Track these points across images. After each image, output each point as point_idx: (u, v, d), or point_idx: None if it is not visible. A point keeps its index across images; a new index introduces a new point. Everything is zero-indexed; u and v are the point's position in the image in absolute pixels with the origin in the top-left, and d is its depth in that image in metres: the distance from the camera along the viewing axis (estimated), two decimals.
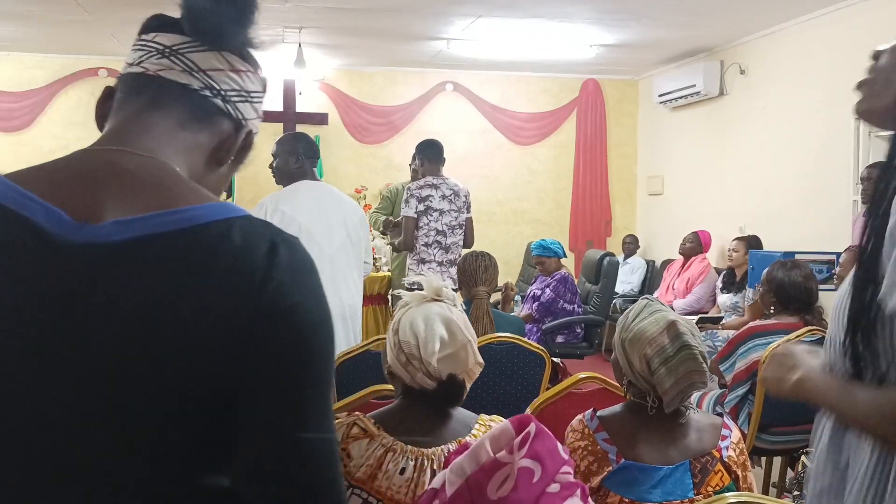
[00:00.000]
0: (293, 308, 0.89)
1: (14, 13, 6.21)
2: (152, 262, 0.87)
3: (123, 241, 0.87)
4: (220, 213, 0.90)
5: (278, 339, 0.88)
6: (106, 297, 0.86)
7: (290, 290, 0.89)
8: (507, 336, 3.19)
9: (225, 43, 1.00)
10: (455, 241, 5.01)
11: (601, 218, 8.84)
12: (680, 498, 1.72)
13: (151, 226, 0.88)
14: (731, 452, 1.80)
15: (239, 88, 1.02)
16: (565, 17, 6.13)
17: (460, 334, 1.65)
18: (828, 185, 5.74)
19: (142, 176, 0.93)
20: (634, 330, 1.81)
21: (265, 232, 0.91)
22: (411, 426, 1.65)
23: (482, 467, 1.26)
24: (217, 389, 0.87)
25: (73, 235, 0.87)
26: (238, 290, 0.87)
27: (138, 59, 1.01)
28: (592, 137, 8.77)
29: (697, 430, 1.81)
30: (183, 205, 0.90)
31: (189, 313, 0.86)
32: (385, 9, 5.97)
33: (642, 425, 1.81)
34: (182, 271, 0.87)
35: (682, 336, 1.79)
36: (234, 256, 0.87)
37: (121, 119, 1.00)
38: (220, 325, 0.86)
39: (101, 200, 0.90)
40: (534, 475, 1.24)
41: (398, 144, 8.32)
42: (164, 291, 0.86)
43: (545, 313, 5.86)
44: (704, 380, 1.81)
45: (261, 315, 0.87)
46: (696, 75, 7.24)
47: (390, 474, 1.57)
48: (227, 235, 0.88)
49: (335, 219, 3.63)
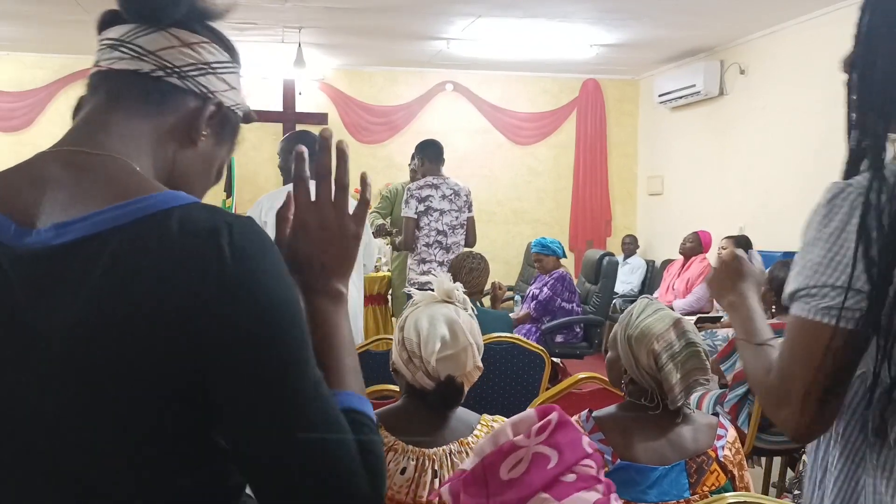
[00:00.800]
0: (246, 288, 0.85)
1: (14, 13, 6.21)
2: (92, 262, 0.84)
3: (63, 244, 0.85)
4: (163, 203, 0.87)
5: (236, 322, 0.84)
6: (53, 301, 0.85)
7: (240, 271, 0.84)
8: (507, 336, 3.19)
9: (165, 19, 0.97)
10: (456, 241, 5.01)
11: (601, 218, 8.84)
12: (676, 498, 1.72)
13: (90, 226, 0.86)
14: (727, 452, 1.80)
15: (195, 62, 0.99)
16: (565, 17, 6.13)
17: (462, 337, 1.65)
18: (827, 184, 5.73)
19: (90, 174, 0.92)
20: (641, 327, 1.80)
21: (209, 217, 0.87)
22: (413, 426, 1.65)
23: (499, 448, 1.28)
24: (184, 380, 0.85)
25: (16, 242, 0.86)
26: (186, 279, 0.83)
27: (96, 60, 1.00)
28: (592, 137, 8.77)
29: (693, 430, 1.81)
30: (129, 198, 0.88)
31: (139, 307, 0.83)
32: (385, 9, 5.97)
33: (638, 425, 1.81)
34: (129, 264, 0.84)
35: (687, 333, 1.81)
36: (175, 245, 0.84)
37: (79, 120, 0.99)
38: (171, 315, 0.83)
39: (46, 204, 0.89)
40: (549, 462, 1.25)
41: (398, 144, 8.32)
42: (108, 289, 0.84)
43: (543, 312, 5.86)
44: (708, 377, 1.82)
45: (213, 300, 0.83)
46: (696, 75, 7.24)
47: (391, 474, 1.58)
48: (167, 225, 0.85)
49: None
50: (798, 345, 1.12)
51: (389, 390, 2.30)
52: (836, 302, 1.07)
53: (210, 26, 1.02)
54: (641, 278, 8.01)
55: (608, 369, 1.93)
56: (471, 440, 1.64)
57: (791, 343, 1.13)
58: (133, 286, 0.83)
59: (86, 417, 0.85)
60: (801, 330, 1.11)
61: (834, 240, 1.09)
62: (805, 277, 1.10)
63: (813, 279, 1.09)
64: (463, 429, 1.67)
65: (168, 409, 0.86)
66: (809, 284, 1.10)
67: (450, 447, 1.63)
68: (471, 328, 1.69)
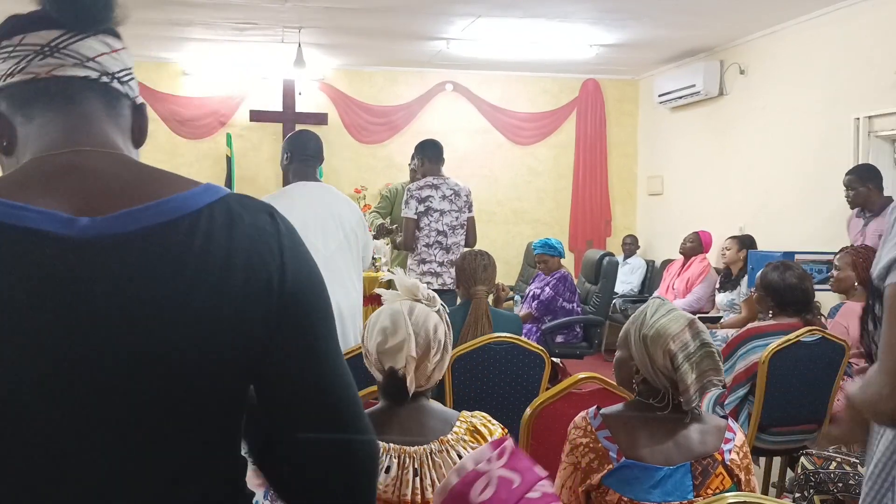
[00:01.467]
0: (304, 269, 0.96)
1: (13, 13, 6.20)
2: (163, 251, 0.87)
3: (128, 232, 0.87)
4: (213, 194, 0.93)
5: (301, 299, 0.95)
6: (120, 287, 0.86)
7: (296, 252, 0.96)
8: (507, 336, 3.18)
9: (99, 24, 0.97)
10: (456, 242, 5.00)
11: (601, 218, 8.84)
12: (679, 499, 1.72)
13: (151, 216, 0.88)
14: (734, 456, 1.80)
15: (124, 67, 1.01)
16: (565, 17, 6.13)
17: (402, 329, 1.68)
18: (828, 185, 5.73)
19: (114, 171, 0.93)
20: (657, 327, 1.80)
21: (259, 204, 0.96)
22: (392, 425, 1.68)
23: (464, 479, 1.35)
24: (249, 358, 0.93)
25: (76, 232, 0.86)
26: (263, 257, 0.92)
27: (15, 66, 0.96)
28: (592, 137, 8.77)
29: (701, 432, 1.81)
30: (169, 193, 0.90)
31: (218, 294, 0.89)
32: (385, 9, 5.97)
33: (645, 425, 1.81)
34: (217, 245, 0.89)
35: (701, 334, 1.82)
36: (249, 229, 0.92)
37: (45, 125, 0.96)
38: (252, 297, 0.91)
39: (94, 196, 0.89)
40: (513, 483, 1.33)
41: (398, 144, 8.32)
42: (181, 278, 0.87)
43: (544, 312, 5.86)
44: (721, 377, 1.83)
45: (285, 281, 0.93)
46: (696, 75, 7.24)
47: None
48: (233, 208, 0.92)
49: (331, 220, 3.56)
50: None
51: None
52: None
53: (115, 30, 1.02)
54: (641, 278, 8.02)
55: (616, 369, 1.92)
56: (450, 437, 1.67)
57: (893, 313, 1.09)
58: (230, 259, 0.89)
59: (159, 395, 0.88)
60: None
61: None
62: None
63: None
64: (442, 426, 1.70)
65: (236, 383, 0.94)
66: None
67: (430, 446, 1.65)
68: (424, 322, 1.72)
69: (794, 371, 3.33)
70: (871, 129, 5.41)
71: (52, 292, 0.85)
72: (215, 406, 0.92)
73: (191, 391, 0.89)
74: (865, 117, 5.39)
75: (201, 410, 0.91)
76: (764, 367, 3.27)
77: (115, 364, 0.86)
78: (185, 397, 0.89)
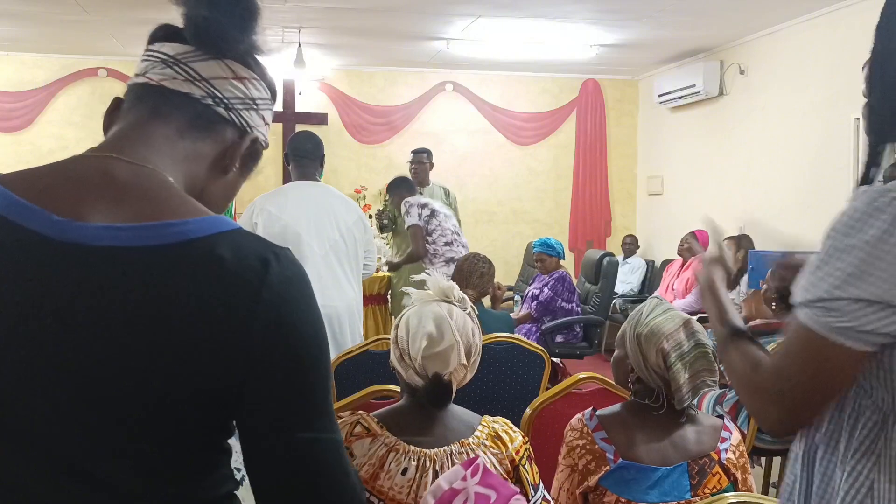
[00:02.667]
0: (286, 320, 0.91)
1: (14, 13, 6.20)
2: (144, 272, 0.86)
3: (114, 247, 0.87)
4: (212, 228, 0.90)
5: (274, 351, 0.90)
6: (94, 300, 0.86)
7: (282, 303, 0.90)
8: (507, 336, 3.19)
9: (227, 51, 1.00)
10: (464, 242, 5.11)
11: (601, 218, 8.84)
12: (676, 499, 1.72)
13: (143, 237, 0.87)
14: (731, 455, 1.80)
15: (243, 96, 1.02)
16: (565, 17, 6.13)
17: (449, 335, 1.65)
18: (827, 185, 5.74)
19: (133, 184, 0.93)
20: (651, 325, 1.80)
21: (256, 246, 0.92)
22: (414, 426, 1.65)
23: (441, 498, 1.35)
24: (210, 397, 0.89)
25: (61, 234, 0.87)
26: (231, 304, 0.87)
27: (144, 69, 1.01)
28: (592, 137, 8.77)
29: (697, 432, 1.81)
30: (175, 217, 0.90)
31: (181, 324, 0.86)
32: (385, 9, 5.97)
33: (641, 425, 1.81)
34: (175, 284, 0.86)
35: (697, 334, 1.81)
36: (227, 271, 0.88)
37: (121, 128, 1.00)
38: (212, 337, 0.87)
39: (90, 203, 0.89)
40: (490, 498, 1.34)
41: (398, 144, 8.32)
42: (155, 301, 0.86)
43: (544, 312, 5.86)
44: (715, 378, 1.82)
45: (255, 328, 0.88)
46: (696, 75, 7.24)
47: (392, 474, 1.57)
48: (218, 250, 0.89)
49: (326, 219, 3.54)
50: (802, 353, 1.06)
51: (389, 390, 2.30)
52: (858, 323, 0.99)
53: (259, 62, 1.05)
54: (641, 278, 8.02)
55: (614, 367, 1.93)
56: (472, 441, 1.64)
57: (793, 348, 1.07)
58: (186, 304, 0.86)
59: (115, 410, 0.87)
60: (808, 342, 1.04)
61: (871, 249, 0.99)
62: (829, 287, 1.01)
63: (839, 291, 1.00)
64: (464, 429, 1.66)
65: (201, 414, 0.90)
66: (834, 296, 1.01)
67: (451, 448, 1.62)
68: (464, 326, 1.69)
69: None
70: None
71: (18, 289, 0.86)
72: (189, 428, 0.91)
73: (147, 414, 0.88)
74: None
75: (175, 432, 0.90)
76: None
77: (63, 370, 0.86)
78: (149, 416, 0.88)
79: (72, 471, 0.87)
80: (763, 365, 1.14)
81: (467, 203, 8.27)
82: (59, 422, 0.86)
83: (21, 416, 0.86)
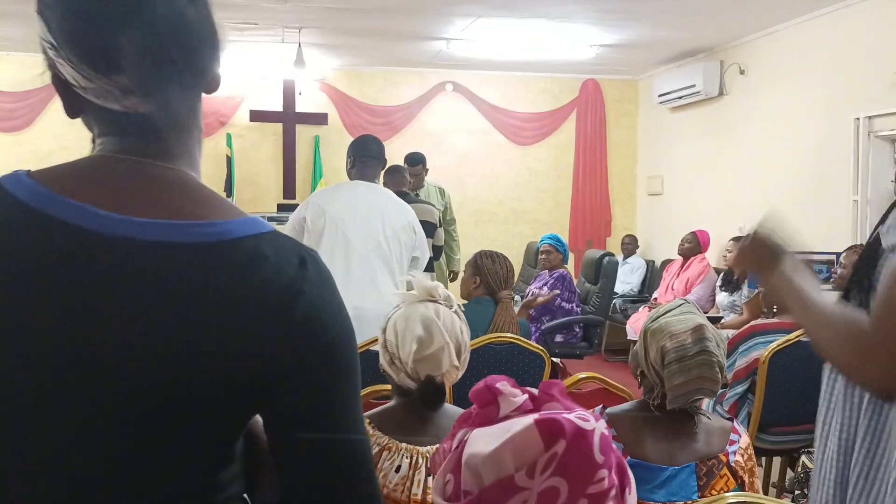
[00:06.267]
0: (322, 316, 0.93)
1: (14, 13, 6.21)
2: (194, 267, 0.88)
3: (163, 242, 0.88)
4: (254, 228, 0.93)
5: (311, 345, 0.92)
6: (149, 293, 0.87)
7: (319, 302, 0.93)
8: (508, 336, 3.19)
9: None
10: None
11: (601, 218, 8.84)
12: (683, 499, 1.72)
13: (190, 234, 0.89)
14: (739, 458, 1.80)
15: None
16: (565, 17, 6.13)
17: (438, 336, 1.65)
18: (827, 185, 5.74)
19: (168, 183, 0.94)
20: (661, 322, 1.81)
21: (294, 246, 0.95)
22: (405, 425, 1.66)
23: (499, 483, 1.11)
24: (244, 398, 0.91)
25: (110, 229, 0.87)
26: (274, 298, 0.90)
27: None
28: (592, 137, 8.77)
29: (706, 433, 1.80)
30: (216, 217, 0.91)
31: (230, 316, 0.88)
32: (385, 9, 5.97)
33: (650, 425, 1.80)
34: (224, 279, 0.88)
35: (705, 341, 1.78)
36: (269, 270, 0.91)
37: (122, 123, 0.98)
38: (257, 329, 0.89)
39: (133, 199, 0.90)
40: (558, 496, 1.11)
41: (398, 144, 8.31)
42: (205, 295, 0.88)
43: (543, 311, 5.87)
44: (715, 388, 1.80)
45: (295, 321, 0.91)
46: (695, 75, 7.24)
47: (386, 472, 1.58)
48: (261, 250, 0.91)
49: (374, 220, 3.55)
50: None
51: (388, 390, 2.31)
52: None
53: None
54: (641, 278, 8.02)
55: (631, 358, 1.94)
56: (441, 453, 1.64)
57: (891, 292, 1.08)
58: (234, 298, 0.88)
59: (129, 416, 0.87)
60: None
61: None
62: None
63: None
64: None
65: (235, 410, 0.92)
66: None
67: None
68: (451, 326, 1.69)
69: (795, 371, 3.32)
70: (870, 129, 5.41)
71: (67, 283, 0.86)
72: (210, 426, 0.92)
73: (186, 407, 0.89)
74: (865, 117, 5.39)
75: (197, 427, 0.91)
76: (764, 367, 3.27)
77: (110, 362, 0.86)
78: (180, 412, 0.89)
79: (90, 466, 0.88)
80: (864, 322, 1.12)
81: (467, 203, 8.27)
82: (78, 413, 0.87)
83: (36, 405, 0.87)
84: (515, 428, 1.14)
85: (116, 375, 0.86)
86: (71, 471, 0.88)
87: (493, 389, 1.21)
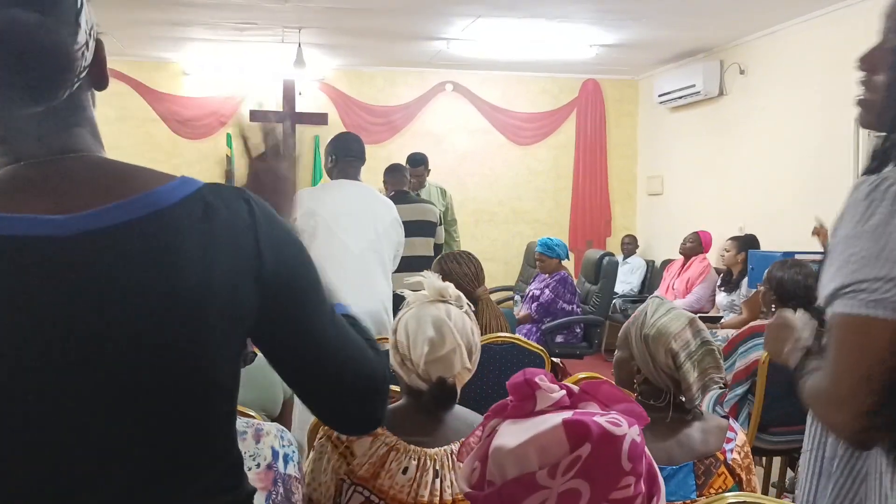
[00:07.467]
0: (279, 242, 1.01)
1: None
2: (159, 237, 0.90)
3: (117, 224, 0.89)
4: (191, 185, 0.96)
5: (279, 267, 1.00)
6: (123, 276, 0.88)
7: (272, 229, 1.00)
8: (508, 336, 3.19)
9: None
10: None
11: (601, 218, 8.84)
12: (682, 499, 1.72)
13: (139, 209, 0.90)
14: (736, 455, 1.80)
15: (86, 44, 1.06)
16: (565, 17, 6.13)
17: (450, 338, 1.64)
18: (828, 185, 5.74)
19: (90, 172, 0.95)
20: (658, 326, 1.80)
21: (233, 191, 1.00)
22: (414, 425, 1.64)
23: (520, 478, 1.11)
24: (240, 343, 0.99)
25: (59, 230, 0.88)
26: (240, 241, 0.95)
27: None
28: (592, 137, 8.77)
29: (703, 432, 1.80)
30: (152, 187, 0.93)
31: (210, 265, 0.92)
32: (385, 9, 5.97)
33: (647, 424, 1.80)
34: (191, 238, 0.91)
35: (702, 332, 1.81)
36: (226, 217, 0.95)
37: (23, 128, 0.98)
38: (236, 271, 0.95)
39: (66, 195, 0.91)
40: (579, 499, 1.09)
41: (398, 145, 8.32)
42: (180, 258, 0.90)
43: (544, 314, 5.86)
44: (722, 375, 1.82)
45: (264, 254, 0.98)
46: (695, 75, 7.24)
47: (393, 473, 1.57)
48: (209, 202, 0.95)
49: (364, 217, 3.57)
50: (846, 344, 1.06)
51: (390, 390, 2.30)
52: (891, 294, 1.02)
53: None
54: (641, 278, 8.02)
55: (616, 369, 1.92)
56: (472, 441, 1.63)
57: (838, 343, 1.08)
58: (210, 250, 0.93)
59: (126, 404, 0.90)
60: (849, 328, 1.05)
61: (880, 232, 1.05)
62: (850, 272, 1.06)
63: (860, 273, 1.05)
64: (464, 428, 1.65)
65: (227, 369, 0.98)
66: (857, 279, 1.05)
67: (451, 447, 1.62)
68: (462, 327, 1.68)
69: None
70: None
71: (42, 292, 0.87)
72: (207, 394, 0.95)
73: (182, 378, 0.92)
74: None
75: (193, 399, 0.94)
76: (764, 368, 3.27)
77: (106, 354, 0.88)
78: (176, 385, 0.92)
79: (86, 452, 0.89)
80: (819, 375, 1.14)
81: (467, 203, 8.27)
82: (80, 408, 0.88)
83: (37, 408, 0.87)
84: (543, 426, 1.13)
85: (131, 359, 0.89)
86: (73, 454, 0.89)
87: (532, 384, 1.22)
